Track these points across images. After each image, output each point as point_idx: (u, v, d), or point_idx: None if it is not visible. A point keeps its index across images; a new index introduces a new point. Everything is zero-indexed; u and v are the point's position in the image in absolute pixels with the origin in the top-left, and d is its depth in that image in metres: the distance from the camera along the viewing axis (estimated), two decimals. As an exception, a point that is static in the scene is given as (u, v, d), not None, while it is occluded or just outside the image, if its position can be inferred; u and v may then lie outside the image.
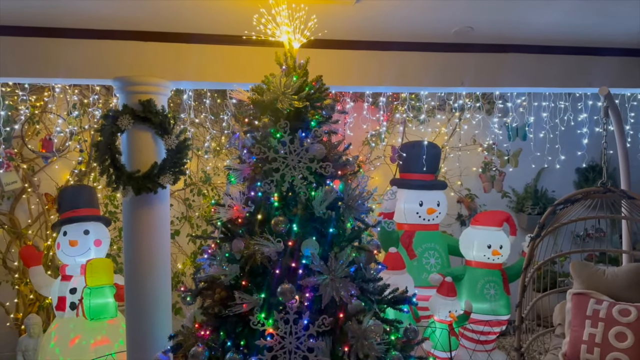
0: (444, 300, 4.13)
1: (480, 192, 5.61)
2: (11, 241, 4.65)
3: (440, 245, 4.69)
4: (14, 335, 4.55)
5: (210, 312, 2.27)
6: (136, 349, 3.10)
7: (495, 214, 4.48)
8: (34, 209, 4.74)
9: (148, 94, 3.01)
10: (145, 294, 3.06)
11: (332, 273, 2.16)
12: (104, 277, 3.66)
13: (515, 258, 4.54)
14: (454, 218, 5.61)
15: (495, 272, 4.32)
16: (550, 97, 4.75)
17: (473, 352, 4.23)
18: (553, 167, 5.37)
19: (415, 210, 4.65)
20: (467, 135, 5.49)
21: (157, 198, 3.07)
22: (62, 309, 3.82)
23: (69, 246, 3.86)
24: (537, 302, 4.24)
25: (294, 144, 2.29)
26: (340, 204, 2.34)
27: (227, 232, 2.42)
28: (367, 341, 2.10)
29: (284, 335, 2.04)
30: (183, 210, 5.05)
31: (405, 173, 4.81)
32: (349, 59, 3.28)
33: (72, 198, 3.98)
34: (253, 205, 2.34)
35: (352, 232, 2.41)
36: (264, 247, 2.21)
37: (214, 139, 4.90)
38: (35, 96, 4.48)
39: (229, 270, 2.29)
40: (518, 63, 3.53)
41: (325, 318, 2.08)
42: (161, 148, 3.07)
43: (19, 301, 4.64)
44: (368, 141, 5.18)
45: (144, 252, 3.05)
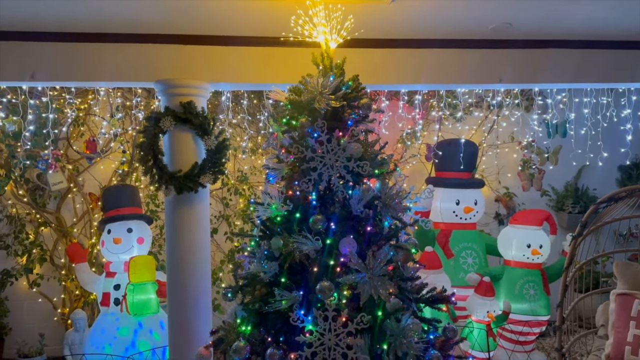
0: (482, 300, 4.08)
1: (519, 191, 5.50)
2: (57, 239, 4.84)
3: (477, 244, 4.63)
4: (61, 330, 4.73)
5: (250, 309, 2.32)
6: (178, 344, 3.19)
7: (534, 213, 4.41)
8: (78, 208, 4.92)
9: (188, 95, 3.08)
10: (187, 290, 3.14)
11: (370, 271, 2.17)
12: (147, 273, 3.77)
13: (555, 258, 4.45)
14: (491, 217, 5.53)
15: (535, 272, 4.25)
16: (592, 92, 4.62)
17: (512, 352, 4.16)
18: (595, 164, 5.21)
19: (452, 209, 4.61)
20: (505, 132, 5.40)
21: (197, 197, 3.15)
22: (106, 304, 3.96)
23: (113, 244, 3.99)
24: (579, 303, 4.15)
25: (331, 143, 2.31)
26: (377, 202, 2.35)
27: (265, 230, 2.47)
28: (406, 339, 2.11)
29: (323, 332, 2.07)
30: (221, 209, 5.15)
31: (441, 171, 4.78)
32: (385, 58, 3.28)
33: (116, 197, 4.11)
34: (291, 204, 2.37)
35: (390, 230, 2.41)
36: (303, 245, 2.24)
37: (251, 139, 4.98)
38: (80, 99, 4.65)
39: (268, 267, 2.33)
40: (559, 58, 3.45)
41: (364, 316, 2.09)
42: (201, 148, 3.14)
43: (65, 297, 4.83)
44: (403, 139, 5.15)
45: (185, 248, 3.13)
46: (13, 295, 4.76)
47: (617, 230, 5.10)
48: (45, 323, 4.77)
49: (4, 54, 3.05)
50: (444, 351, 2.29)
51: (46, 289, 4.81)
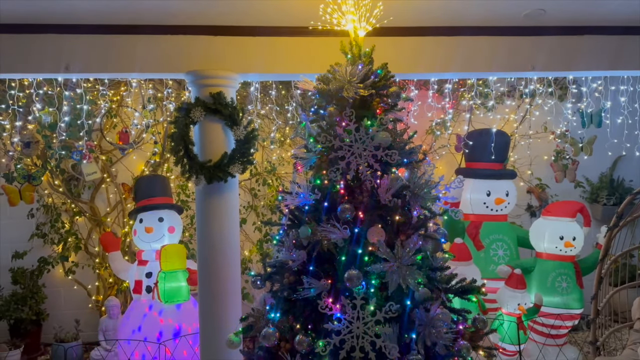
0: (513, 293, 4.02)
1: (552, 182, 5.38)
2: (92, 228, 4.97)
3: (508, 236, 4.56)
4: (96, 316, 4.87)
5: (279, 296, 2.34)
6: (209, 330, 3.24)
7: (568, 204, 4.30)
8: (112, 198, 5.04)
9: (218, 86, 3.12)
10: (217, 277, 3.19)
11: (399, 260, 2.16)
12: (178, 262, 3.84)
13: (589, 250, 4.34)
14: (523, 209, 5.43)
15: (568, 265, 4.15)
16: (629, 80, 4.48)
17: (543, 346, 4.09)
18: (631, 154, 5.05)
19: (483, 200, 4.55)
20: (538, 122, 5.27)
21: (227, 187, 3.19)
22: (138, 292, 4.05)
23: (145, 233, 4.08)
24: (615, 297, 4.04)
25: (359, 132, 2.30)
26: (405, 191, 2.33)
27: (294, 219, 2.48)
28: (435, 329, 2.09)
29: (351, 320, 2.07)
30: (249, 200, 5.19)
31: (471, 162, 4.71)
32: (414, 46, 3.24)
33: (147, 187, 4.20)
34: (319, 193, 2.38)
35: (418, 220, 2.39)
36: (331, 234, 2.24)
37: (279, 130, 5.00)
38: (113, 91, 4.75)
39: (297, 256, 2.34)
40: (594, 45, 3.35)
41: (392, 305, 2.09)
42: (230, 139, 3.17)
43: (99, 284, 4.96)
44: (432, 129, 5.09)
45: (215, 237, 3.18)
46: (50, 282, 4.92)
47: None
48: (80, 310, 4.92)
49: (41, 47, 3.14)
50: (473, 342, 2.26)
51: (81, 276, 4.95)
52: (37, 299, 4.71)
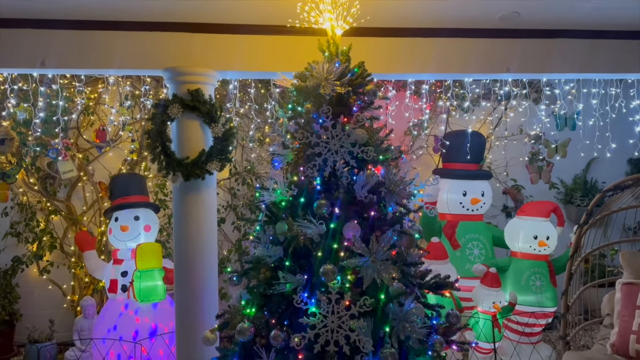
0: (488, 291, 4.09)
1: (527, 183, 5.48)
2: (68, 227, 4.90)
3: (484, 236, 4.63)
4: (71, 316, 4.80)
5: (255, 292, 2.35)
6: (185, 329, 3.22)
7: (542, 204, 4.39)
8: (88, 197, 4.98)
9: (196, 83, 3.11)
10: (194, 276, 3.17)
11: (374, 255, 2.19)
12: (153, 260, 3.81)
13: (563, 250, 4.43)
14: (499, 209, 5.52)
15: (542, 264, 4.23)
16: (601, 83, 4.59)
17: (517, 344, 4.16)
18: (603, 157, 5.18)
19: (459, 200, 4.61)
20: (513, 124, 5.38)
21: (204, 184, 3.18)
22: (114, 291, 4.01)
23: (120, 231, 4.04)
24: (586, 295, 4.13)
25: (336, 129, 2.33)
26: (381, 188, 2.37)
27: (271, 215, 2.49)
28: (409, 323, 2.12)
29: (326, 314, 2.09)
30: (228, 199, 5.18)
31: (448, 162, 4.77)
32: (391, 47, 3.28)
33: (123, 186, 4.16)
34: (296, 189, 2.40)
35: (394, 216, 2.43)
36: (307, 229, 2.26)
37: (258, 129, 5.00)
38: (90, 88, 4.70)
39: (273, 251, 2.35)
40: (567, 48, 3.43)
41: (367, 299, 2.11)
42: (208, 136, 3.17)
43: (75, 284, 4.89)
44: (410, 130, 5.15)
45: (193, 234, 3.17)
46: (24, 282, 4.84)
47: (624, 223, 5.08)
48: (55, 310, 4.84)
49: (16, 42, 3.09)
50: (446, 337, 2.30)
51: (56, 276, 4.88)
52: (10, 299, 4.63)
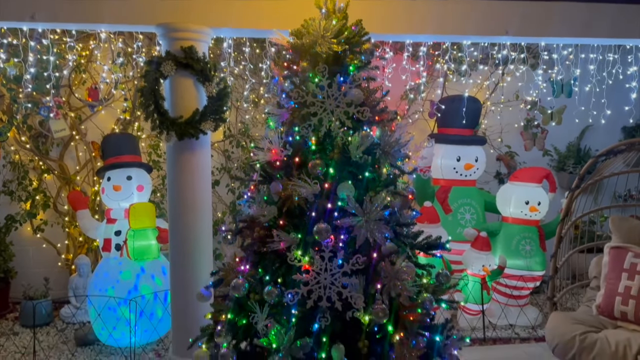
0: (478, 255, 4.15)
1: (521, 150, 5.50)
2: (61, 186, 4.89)
3: (476, 201, 4.67)
4: (66, 275, 4.84)
5: (249, 250, 2.37)
6: (180, 287, 3.27)
7: (535, 170, 4.42)
8: (81, 157, 4.95)
9: (189, 40, 3.06)
10: (189, 234, 3.20)
11: (367, 215, 2.20)
12: (146, 220, 3.82)
13: (553, 216, 4.48)
14: (492, 176, 5.55)
15: (532, 229, 4.29)
16: (599, 49, 4.55)
17: (505, 306, 4.26)
18: (597, 125, 5.19)
19: (452, 165, 4.63)
20: (509, 90, 5.35)
21: (198, 144, 3.17)
22: (108, 249, 4.04)
23: (113, 191, 4.03)
24: (574, 261, 4.20)
25: (332, 88, 2.30)
26: (376, 149, 2.36)
27: (265, 175, 2.49)
28: (400, 281, 2.15)
29: (319, 271, 2.11)
30: (222, 162, 5.17)
31: (443, 128, 4.76)
32: (390, 7, 3.22)
33: (115, 145, 4.13)
34: (291, 148, 2.39)
35: (388, 177, 2.44)
36: (301, 188, 2.26)
37: (253, 91, 4.95)
38: (81, 44, 4.61)
39: (267, 211, 2.36)
40: (566, 12, 3.39)
41: (359, 257, 2.14)
42: (202, 95, 3.14)
43: (69, 243, 4.91)
44: (407, 93, 5.11)
45: (187, 194, 3.17)
46: (18, 241, 4.85)
47: (615, 191, 5.13)
48: (49, 268, 4.88)
49: (4, -6, 3.01)
50: (436, 295, 2.34)
51: (50, 235, 4.89)
52: (4, 257, 4.65)
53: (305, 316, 2.11)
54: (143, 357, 3.66)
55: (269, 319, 2.11)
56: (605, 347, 2.27)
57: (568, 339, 2.37)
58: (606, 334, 2.37)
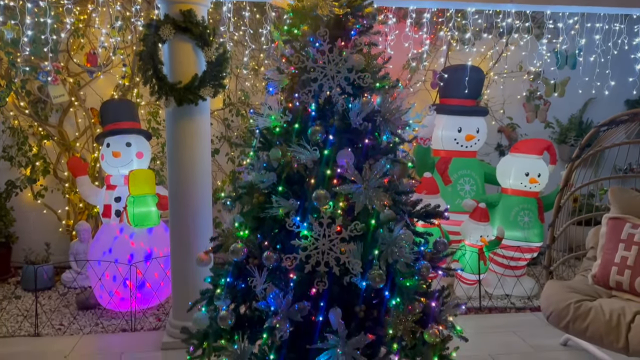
0: (476, 225, 4.17)
1: (523, 122, 5.47)
2: (60, 152, 4.88)
3: (476, 172, 4.66)
4: (66, 240, 4.88)
5: (248, 215, 2.37)
6: (179, 253, 3.29)
7: (536, 142, 4.40)
8: (80, 123, 4.92)
9: (188, 3, 3.00)
10: (188, 199, 3.21)
11: (366, 183, 2.20)
12: (146, 186, 3.82)
13: (553, 188, 4.48)
14: (492, 148, 5.53)
15: (531, 200, 4.30)
16: (605, 18, 4.47)
17: (502, 276, 4.30)
18: (600, 97, 5.14)
19: (453, 136, 4.61)
20: (513, 60, 5.28)
21: (197, 110, 3.15)
22: (108, 216, 4.06)
23: (112, 157, 4.03)
24: (571, 233, 4.22)
25: (332, 53, 2.27)
26: (376, 116, 2.35)
27: (264, 142, 2.48)
28: (397, 248, 2.16)
29: (317, 237, 2.12)
30: (222, 130, 5.15)
31: (445, 98, 4.72)
32: (393, -29, 3.16)
33: (114, 111, 4.10)
34: (290, 115, 2.37)
35: (388, 145, 2.43)
36: (301, 155, 2.26)
37: (253, 58, 4.89)
38: (79, 8, 4.53)
39: (267, 177, 2.36)
40: (574, -21, 3.33)
41: (358, 224, 2.14)
42: (201, 60, 3.10)
43: (69, 209, 4.93)
44: (409, 63, 5.04)
45: (186, 160, 3.17)
46: (19, 206, 4.87)
47: (616, 164, 5.13)
48: (50, 234, 4.91)
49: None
50: (433, 262, 2.36)
51: (51, 201, 4.91)
52: (5, 222, 4.68)
53: (303, 281, 2.13)
54: (143, 321, 3.72)
55: (268, 283, 2.13)
56: (599, 315, 2.30)
57: (563, 306, 2.40)
58: (601, 302, 2.39)
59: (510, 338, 3.46)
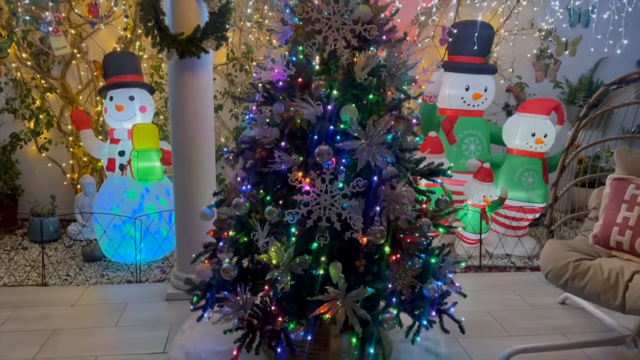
0: (480, 185, 4.16)
1: (532, 82, 5.37)
2: (64, 106, 4.85)
3: (482, 132, 4.62)
4: (71, 194, 4.92)
5: (251, 170, 2.37)
6: (183, 207, 3.31)
7: (544, 102, 4.33)
8: (83, 76, 4.87)
9: (191, -49, 2.91)
10: (191, 153, 3.20)
11: (370, 139, 2.18)
12: (150, 141, 3.82)
13: (559, 149, 4.44)
14: (500, 107, 5.45)
15: (536, 161, 4.27)
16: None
17: (503, 236, 4.32)
18: (612, 57, 5.02)
19: (461, 95, 4.54)
20: (524, 17, 5.13)
21: (200, 64, 3.10)
22: (112, 169, 4.07)
23: (116, 111, 4.00)
24: (574, 195, 4.21)
25: (338, 3, 2.21)
26: (382, 71, 2.31)
27: (267, 96, 2.45)
28: (399, 205, 2.17)
29: (319, 193, 2.13)
30: (226, 86, 5.08)
31: (454, 55, 4.63)
32: None
33: (117, 64, 4.05)
34: (294, 68, 2.33)
35: (393, 101, 2.40)
36: (304, 110, 2.23)
37: (257, 10, 4.78)
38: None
39: (270, 132, 2.34)
40: None
41: (360, 180, 2.14)
42: (204, 11, 3.03)
43: (74, 162, 4.95)
44: (418, 16, 4.91)
45: (189, 113, 3.14)
46: (24, 159, 4.89)
47: (624, 126, 5.06)
48: (55, 187, 4.94)
49: None
50: (434, 220, 2.37)
51: (55, 154, 4.92)
52: (11, 174, 4.71)
53: (304, 235, 2.15)
54: (148, 273, 3.78)
55: (270, 237, 2.15)
56: (598, 274, 2.32)
57: (562, 265, 2.42)
58: (600, 261, 2.41)
59: (509, 296, 3.51)
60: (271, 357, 2.50)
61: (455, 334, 2.46)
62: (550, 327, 3.05)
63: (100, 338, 2.83)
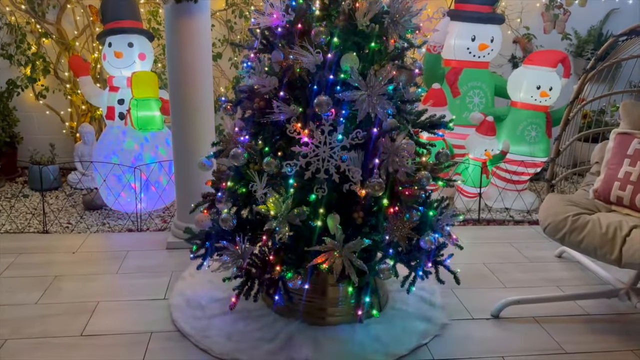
0: (482, 139, 4.13)
1: (540, 33, 5.23)
2: (60, 52, 4.75)
3: (487, 84, 4.53)
4: (70, 142, 4.89)
5: (249, 120, 2.34)
6: (182, 157, 3.30)
7: (550, 53, 4.23)
8: (79, 21, 4.75)
9: None
10: (189, 101, 3.16)
11: (370, 89, 2.13)
12: (149, 89, 3.75)
13: (564, 103, 4.36)
14: (506, 59, 5.33)
15: (540, 115, 4.21)
16: None
17: (503, 190, 4.32)
18: (624, 8, 4.86)
19: (466, 45, 4.42)
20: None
21: (197, 8, 3.00)
22: (111, 118, 4.02)
23: (115, 58, 3.92)
24: (577, 150, 4.17)
25: (340, -55, 2.11)
26: (385, 17, 2.23)
27: (266, 43, 2.39)
28: (398, 157, 2.14)
29: (318, 144, 2.10)
30: (225, 33, 4.96)
31: (460, 3, 4.48)
32: None
33: (115, 8, 3.92)
34: (293, 13, 2.26)
35: (395, 50, 2.33)
36: (303, 58, 2.17)
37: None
38: None
39: (268, 81, 2.29)
40: None
41: (359, 132, 2.11)
42: (201, -48, 2.91)
43: (72, 110, 4.90)
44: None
45: (187, 61, 3.08)
46: (21, 107, 4.83)
47: (631, 81, 4.96)
48: (54, 135, 4.91)
49: None
50: (434, 173, 2.35)
51: (53, 102, 4.86)
52: (9, 122, 4.67)
53: (303, 187, 2.14)
54: (149, 222, 3.81)
55: (268, 188, 2.14)
56: (596, 228, 2.32)
57: (560, 219, 2.42)
58: (599, 216, 2.41)
59: (506, 249, 3.54)
60: (269, 304, 2.55)
61: (450, 284, 2.49)
62: (546, 280, 3.09)
63: (101, 284, 2.88)
